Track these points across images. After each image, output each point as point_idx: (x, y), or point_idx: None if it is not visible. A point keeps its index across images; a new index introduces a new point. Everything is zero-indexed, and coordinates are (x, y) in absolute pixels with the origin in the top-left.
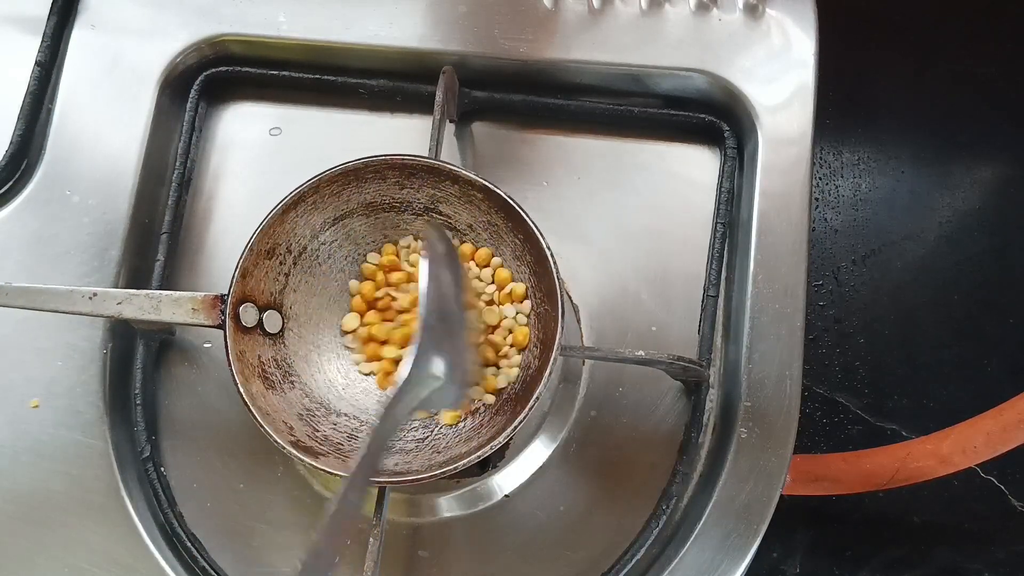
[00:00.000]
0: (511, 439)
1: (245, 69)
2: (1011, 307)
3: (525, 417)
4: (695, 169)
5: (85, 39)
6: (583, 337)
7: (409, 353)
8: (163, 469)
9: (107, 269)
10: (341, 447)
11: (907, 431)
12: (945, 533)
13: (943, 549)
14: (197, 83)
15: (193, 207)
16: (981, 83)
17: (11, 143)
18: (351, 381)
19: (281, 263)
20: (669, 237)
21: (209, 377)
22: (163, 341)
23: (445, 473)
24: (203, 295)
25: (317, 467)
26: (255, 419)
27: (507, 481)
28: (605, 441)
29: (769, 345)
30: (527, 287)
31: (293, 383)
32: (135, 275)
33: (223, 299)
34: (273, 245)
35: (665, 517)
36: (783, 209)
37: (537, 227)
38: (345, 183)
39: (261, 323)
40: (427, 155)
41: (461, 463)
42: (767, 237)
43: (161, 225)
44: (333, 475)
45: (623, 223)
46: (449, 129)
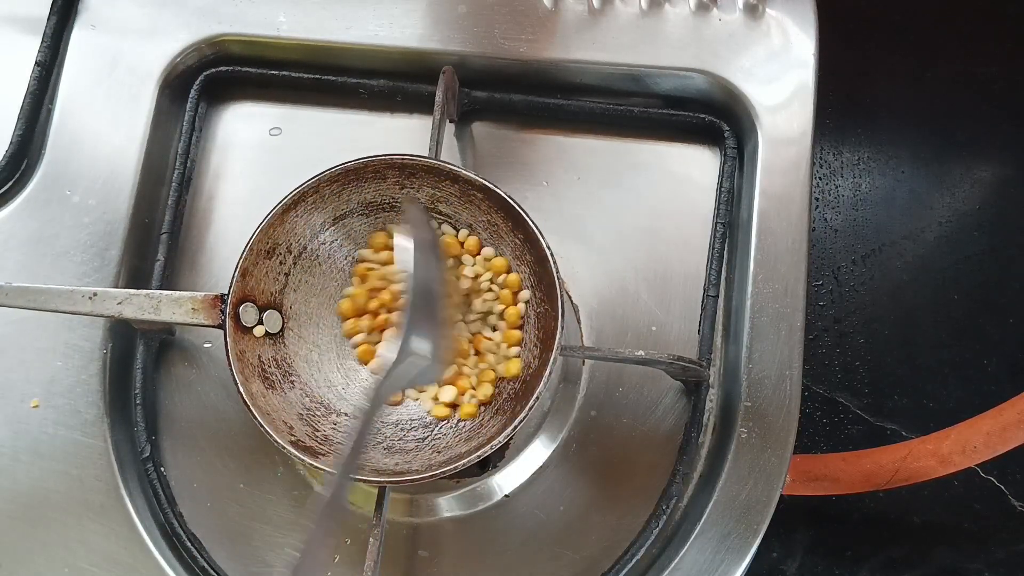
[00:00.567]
0: (511, 439)
1: (245, 69)
2: (1011, 307)
3: (525, 417)
4: (695, 169)
5: (85, 39)
6: (583, 337)
7: (395, 332)
8: (163, 469)
9: (107, 269)
10: (341, 447)
11: (907, 431)
12: (945, 533)
13: (943, 549)
14: (197, 83)
15: (193, 207)
16: (981, 83)
17: (11, 143)
18: (351, 381)
19: (281, 263)
20: (669, 237)
21: (209, 377)
22: (163, 341)
23: (445, 473)
24: (203, 295)
25: (317, 467)
26: (255, 419)
27: (507, 481)
28: (605, 441)
29: (769, 345)
30: (522, 279)
31: (293, 383)
32: (135, 275)
33: (223, 299)
34: (273, 245)
35: (665, 517)
36: (783, 209)
37: (537, 227)
38: (345, 183)
39: (261, 323)
40: (427, 155)
41: (461, 463)
42: (767, 237)
43: (161, 225)
44: (333, 475)
45: (623, 223)
46: (449, 129)
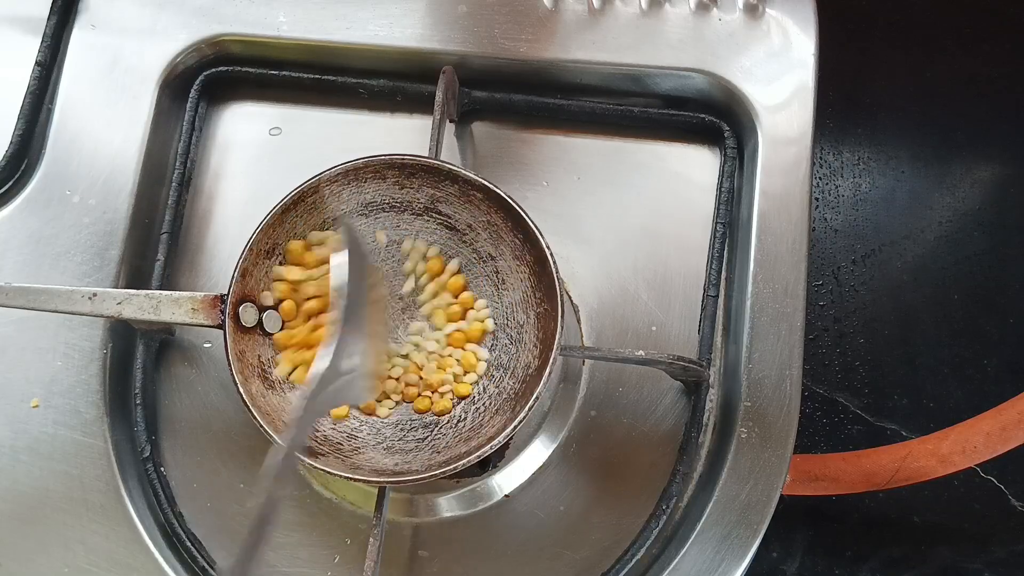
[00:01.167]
0: (511, 439)
1: (245, 69)
2: (1011, 307)
3: (525, 417)
4: (695, 169)
5: (85, 39)
6: (583, 337)
7: (325, 349)
8: (163, 469)
9: (107, 269)
10: (341, 447)
11: (907, 431)
12: (945, 533)
13: (943, 549)
14: (197, 83)
15: (193, 207)
16: (981, 83)
17: (11, 143)
18: None
19: (281, 263)
20: (669, 237)
21: (209, 377)
22: (163, 341)
23: (445, 473)
24: (203, 295)
25: (317, 467)
26: (255, 419)
27: (507, 481)
28: (605, 441)
29: (769, 345)
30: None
31: (293, 383)
32: (135, 275)
33: (223, 299)
34: (273, 245)
35: (665, 517)
36: (783, 209)
37: (537, 227)
38: (345, 183)
39: (261, 323)
40: (427, 155)
41: (461, 463)
42: (767, 237)
43: (161, 225)
44: (333, 475)
45: (623, 223)
46: (449, 129)
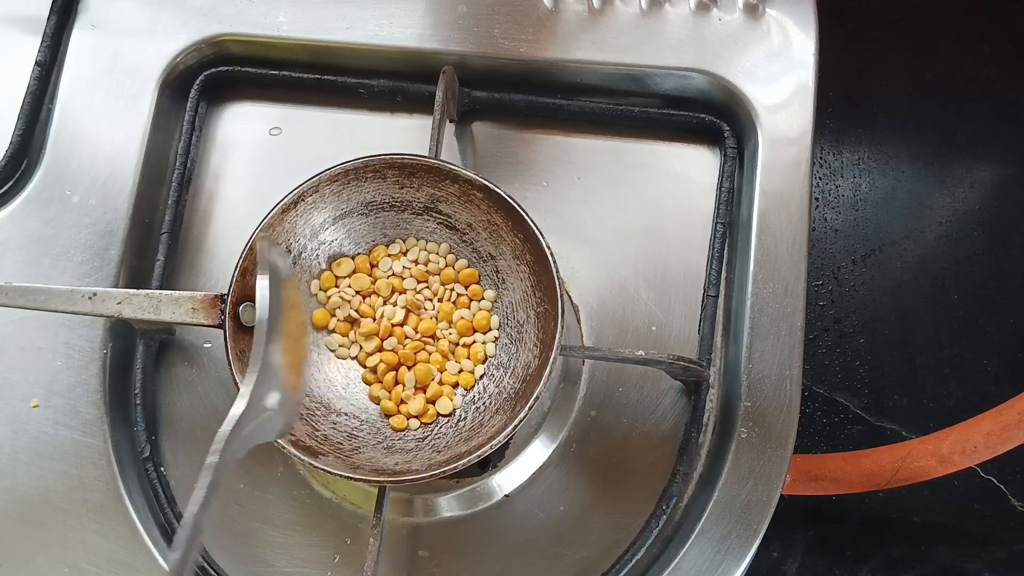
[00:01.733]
0: (511, 438)
1: (245, 69)
2: (1011, 307)
3: (525, 417)
4: (695, 169)
5: (85, 39)
6: (583, 337)
7: (245, 385)
8: (163, 469)
9: (107, 269)
10: (341, 447)
11: (907, 431)
12: (945, 533)
13: (943, 549)
14: (197, 83)
15: (193, 207)
16: (981, 83)
17: (11, 143)
18: (351, 380)
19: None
20: (669, 237)
21: (209, 377)
22: (163, 341)
23: (445, 473)
24: (203, 295)
25: (317, 467)
26: None
27: (507, 481)
28: (605, 441)
29: (769, 345)
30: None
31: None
32: (135, 275)
33: (223, 299)
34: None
35: (665, 517)
36: (783, 209)
37: (537, 226)
38: (345, 182)
39: None
40: (427, 155)
41: (461, 463)
42: (767, 237)
43: (161, 225)
44: (333, 475)
45: (623, 223)
46: (449, 129)
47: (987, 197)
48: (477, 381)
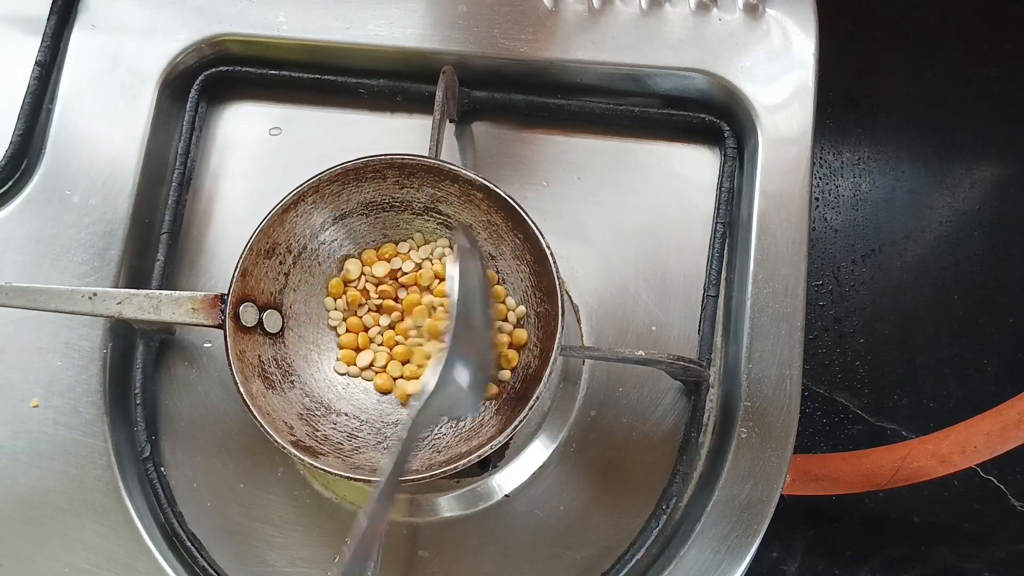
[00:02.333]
0: (511, 439)
1: (245, 69)
2: (1011, 307)
3: (525, 417)
4: (695, 169)
5: (85, 39)
6: (583, 337)
7: (436, 360)
8: (163, 469)
9: (107, 269)
10: (341, 447)
11: (907, 431)
12: (945, 533)
13: (943, 549)
14: (197, 83)
15: (193, 207)
16: (981, 83)
17: (11, 143)
18: (351, 380)
19: (281, 262)
20: (669, 237)
21: (209, 377)
22: (163, 341)
23: (445, 473)
24: (203, 295)
25: (317, 467)
26: (255, 418)
27: (507, 481)
28: (605, 441)
29: (769, 345)
30: (524, 299)
31: (293, 383)
32: (135, 275)
33: (223, 299)
34: (273, 244)
35: (665, 517)
36: (783, 209)
37: (537, 227)
38: (345, 182)
39: (261, 322)
40: (427, 155)
41: (461, 463)
42: (767, 237)
43: (161, 225)
44: (333, 475)
45: (623, 223)
46: (449, 129)
47: (987, 197)
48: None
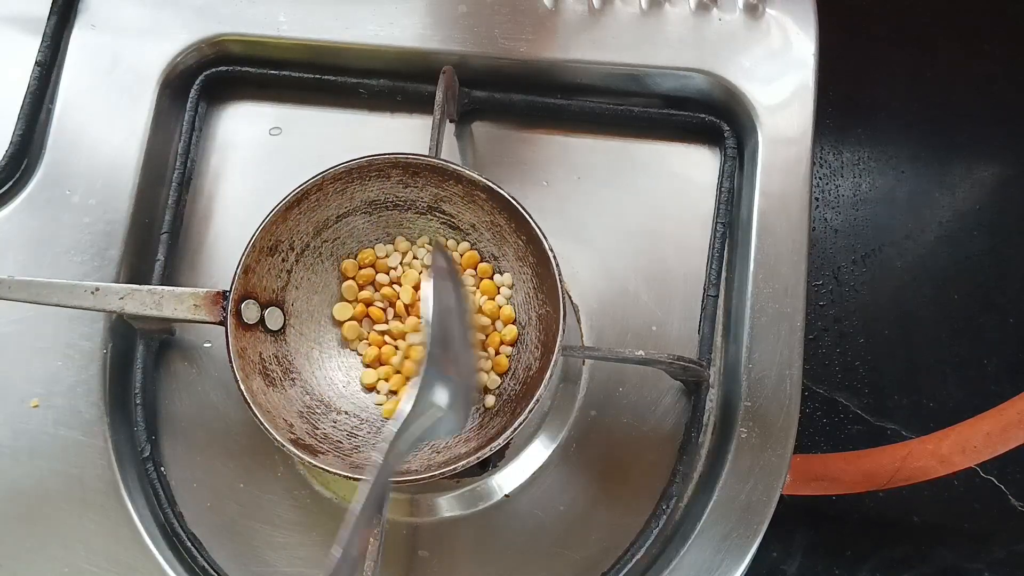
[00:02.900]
0: (511, 439)
1: (245, 69)
2: (1011, 307)
3: (525, 419)
4: (695, 169)
5: (85, 39)
6: (583, 337)
7: (411, 384)
8: (163, 469)
9: (107, 269)
10: (341, 445)
11: (907, 431)
12: (945, 533)
13: (943, 549)
14: (197, 83)
15: (193, 207)
16: (981, 83)
17: (11, 143)
18: (352, 379)
19: (283, 260)
20: (669, 237)
21: (209, 376)
22: (163, 341)
23: (445, 473)
24: (205, 291)
25: (317, 465)
26: (255, 416)
27: (507, 481)
28: (605, 441)
29: (769, 345)
30: (528, 287)
31: (294, 380)
32: (135, 275)
33: (225, 295)
34: (276, 242)
35: (665, 517)
36: (783, 209)
37: (540, 229)
38: (349, 181)
39: (262, 320)
40: (429, 155)
41: (461, 464)
42: (767, 237)
43: (161, 225)
44: (333, 474)
45: (623, 223)
46: (449, 129)
47: (987, 197)
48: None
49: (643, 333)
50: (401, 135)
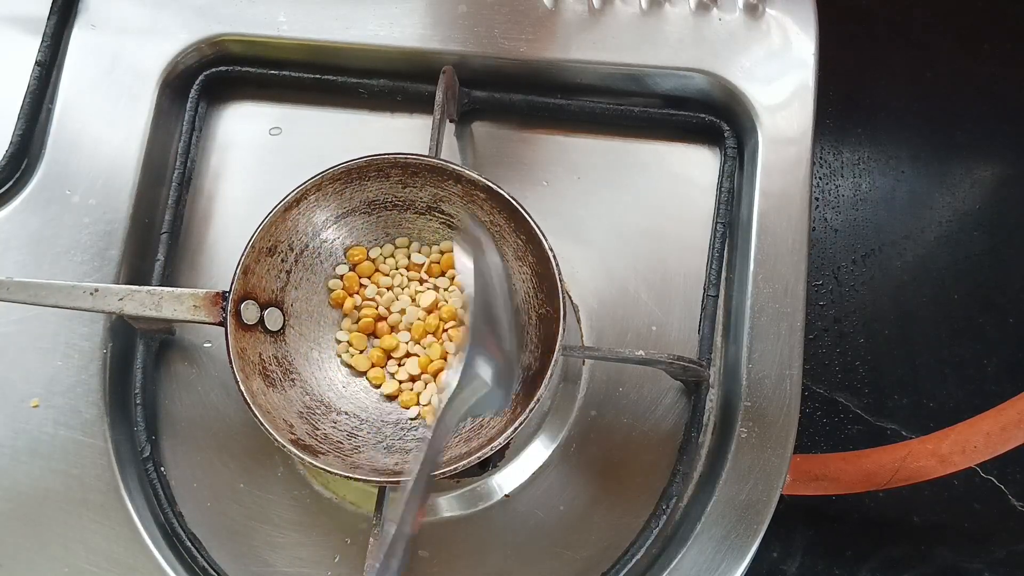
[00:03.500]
0: (511, 439)
1: (245, 69)
2: (1011, 307)
3: (525, 419)
4: (695, 169)
5: (85, 39)
6: (583, 337)
7: (457, 358)
8: (163, 469)
9: (107, 269)
10: (341, 445)
11: (907, 431)
12: (945, 533)
13: (943, 549)
14: (197, 83)
15: (193, 207)
16: (981, 83)
17: (11, 143)
18: (351, 379)
19: (283, 260)
20: (669, 237)
21: (209, 376)
22: (163, 341)
23: (445, 474)
24: (204, 292)
25: (317, 466)
26: (255, 417)
27: (507, 481)
28: (605, 441)
29: (769, 345)
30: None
31: (293, 381)
32: (135, 275)
33: (224, 296)
34: (275, 242)
35: (665, 517)
36: (783, 209)
37: (540, 229)
38: (348, 181)
39: (262, 320)
40: (429, 155)
41: (460, 464)
42: (767, 237)
43: (161, 225)
44: (333, 474)
45: (623, 223)
46: (449, 129)
47: (987, 197)
48: None
49: (643, 333)
50: (401, 135)
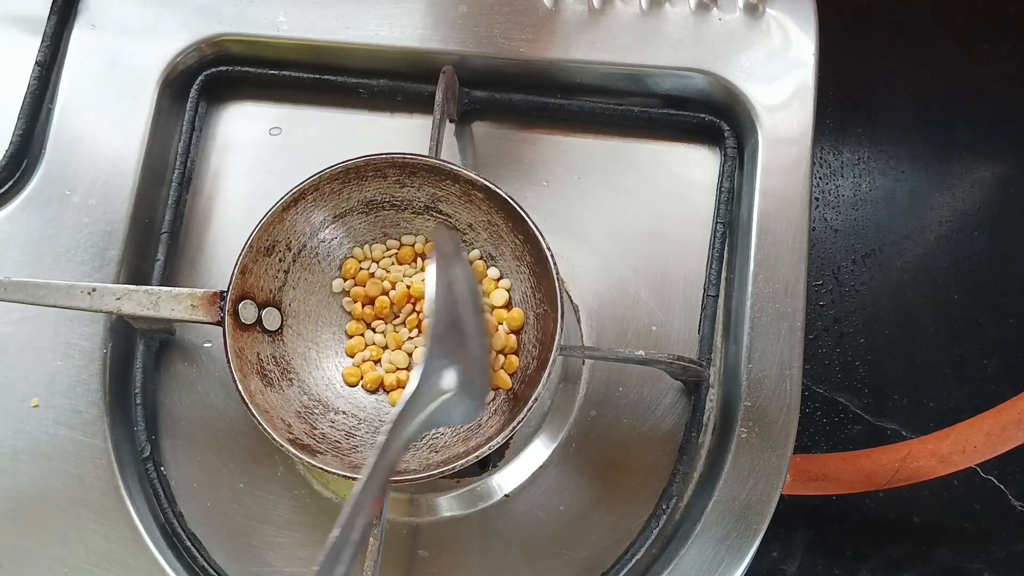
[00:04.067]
0: (510, 438)
1: (245, 69)
2: (1011, 307)
3: (524, 418)
4: (695, 169)
5: (85, 39)
6: (583, 337)
7: (417, 365)
8: (163, 469)
9: (107, 269)
10: (339, 445)
11: (907, 431)
12: (945, 533)
13: (943, 549)
14: (197, 83)
15: (193, 207)
16: (981, 83)
17: (11, 143)
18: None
19: (281, 260)
20: (669, 237)
21: (209, 376)
22: (163, 340)
23: (443, 473)
24: (202, 291)
25: (315, 465)
26: (253, 416)
27: (507, 481)
28: (605, 441)
29: (769, 345)
30: (527, 288)
31: (291, 380)
32: (135, 275)
33: (222, 296)
34: (273, 242)
35: (665, 517)
36: (783, 209)
37: (537, 227)
38: (346, 181)
39: (260, 320)
40: (428, 154)
41: (459, 463)
42: (767, 237)
43: (161, 225)
44: (331, 473)
45: (623, 223)
46: (449, 129)
47: (987, 197)
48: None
49: (643, 333)
50: (401, 135)
